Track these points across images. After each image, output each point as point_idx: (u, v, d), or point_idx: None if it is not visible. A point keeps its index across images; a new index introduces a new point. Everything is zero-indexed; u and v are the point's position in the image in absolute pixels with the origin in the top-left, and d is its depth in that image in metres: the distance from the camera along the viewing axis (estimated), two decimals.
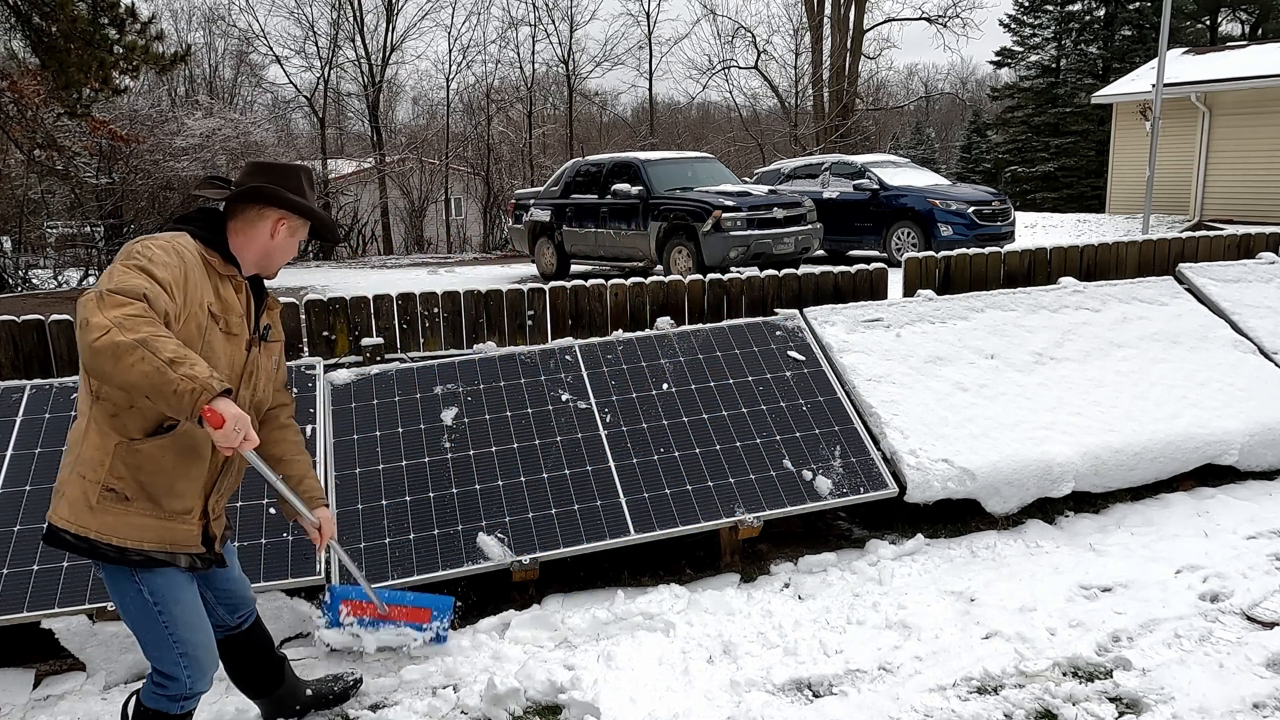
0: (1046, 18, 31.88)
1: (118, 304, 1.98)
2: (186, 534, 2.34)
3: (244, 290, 2.40)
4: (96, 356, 1.93)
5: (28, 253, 17.89)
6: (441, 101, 28.83)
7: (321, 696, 2.94)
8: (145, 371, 1.94)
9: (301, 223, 2.48)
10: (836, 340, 4.68)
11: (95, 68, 11.82)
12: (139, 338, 1.94)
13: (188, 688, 2.37)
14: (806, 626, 3.35)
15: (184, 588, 2.35)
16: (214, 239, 2.35)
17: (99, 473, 2.21)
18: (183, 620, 2.34)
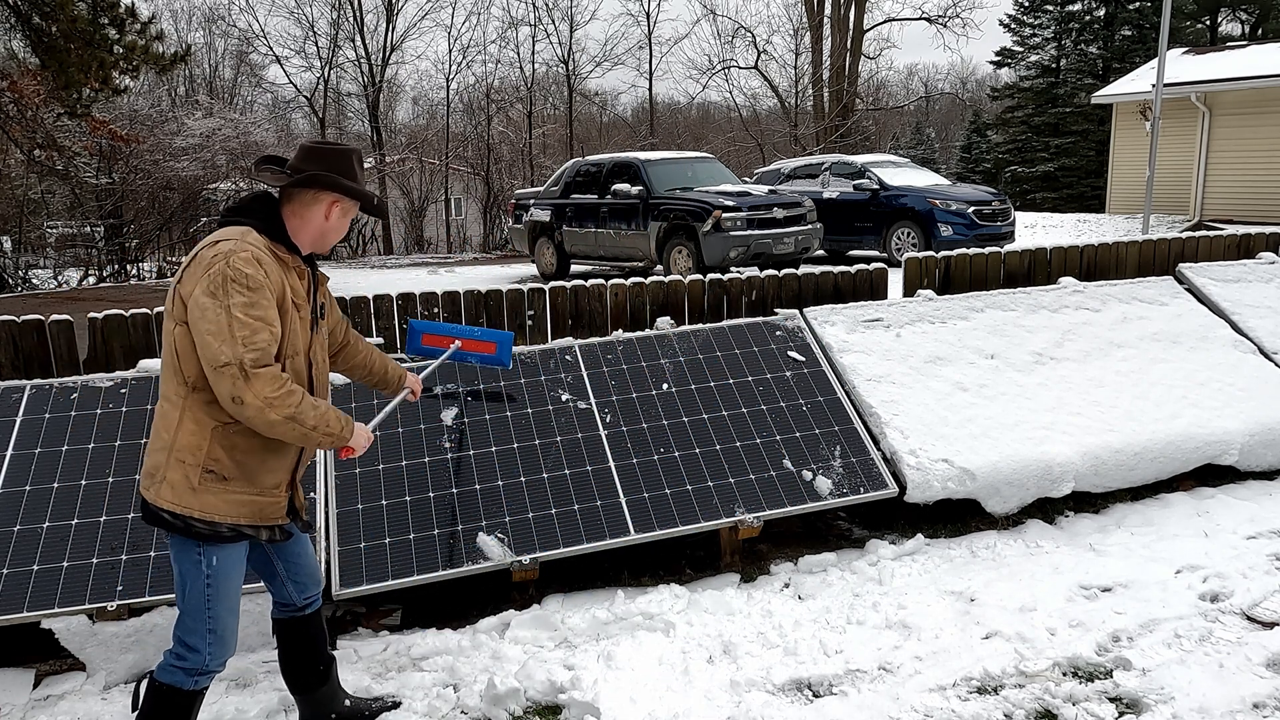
0: (1046, 18, 31.88)
1: (264, 380, 2.27)
2: (275, 506, 2.52)
3: (305, 275, 2.54)
4: (252, 424, 2.30)
5: (28, 253, 17.89)
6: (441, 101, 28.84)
7: (358, 712, 2.93)
8: (294, 436, 2.35)
9: (353, 204, 2.58)
10: (836, 340, 4.68)
11: (95, 68, 11.82)
12: (288, 414, 2.30)
13: (205, 663, 2.46)
14: (806, 626, 3.35)
15: (238, 566, 2.50)
16: (276, 230, 2.45)
17: (198, 456, 2.36)
18: (225, 599, 2.46)
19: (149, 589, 3.32)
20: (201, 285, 2.27)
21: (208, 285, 2.26)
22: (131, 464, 3.69)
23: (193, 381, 2.34)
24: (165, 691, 2.45)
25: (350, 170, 2.54)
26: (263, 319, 2.30)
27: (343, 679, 3.15)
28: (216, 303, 2.25)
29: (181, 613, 2.45)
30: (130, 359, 4.26)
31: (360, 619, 3.67)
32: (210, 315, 2.24)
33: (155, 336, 4.32)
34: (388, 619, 3.68)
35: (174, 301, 2.33)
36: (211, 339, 2.23)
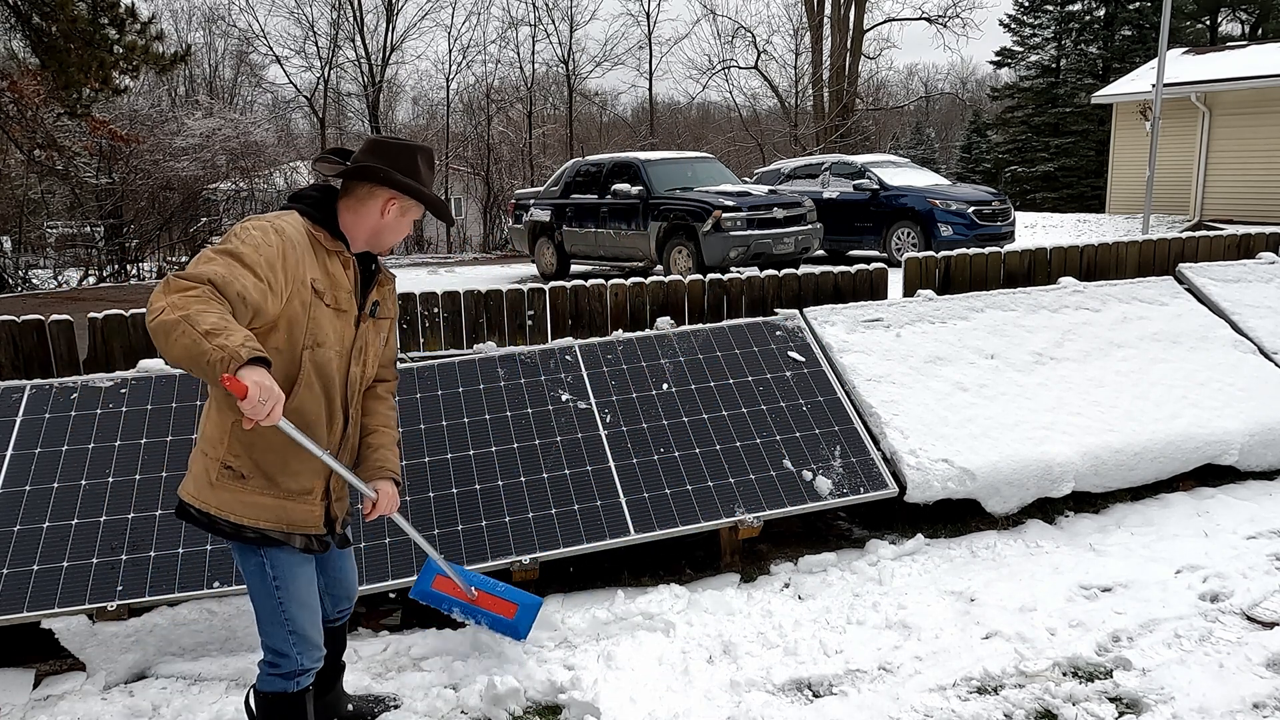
0: (1046, 18, 31.88)
1: (179, 288, 2.00)
2: (306, 514, 2.37)
3: (352, 266, 2.40)
4: (154, 337, 1.97)
5: (28, 253, 17.89)
6: (441, 101, 28.86)
7: (360, 714, 2.93)
8: (185, 345, 1.92)
9: (413, 204, 2.45)
10: (836, 340, 4.68)
11: (95, 68, 11.82)
12: (184, 314, 1.94)
13: (298, 664, 2.42)
14: (806, 626, 3.35)
15: (302, 566, 2.41)
16: (322, 216, 2.36)
17: (218, 450, 2.28)
18: (297, 598, 2.39)
19: (149, 589, 3.32)
20: None
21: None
22: (131, 464, 3.69)
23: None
24: (273, 700, 2.44)
25: (413, 168, 2.41)
26: (233, 255, 2.10)
27: (343, 679, 3.15)
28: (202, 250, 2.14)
29: (259, 620, 2.41)
30: (130, 359, 4.26)
31: (360, 619, 3.67)
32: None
33: None
34: (388, 619, 3.68)
35: None
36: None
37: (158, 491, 3.61)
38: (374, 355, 2.51)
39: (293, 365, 2.28)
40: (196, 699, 3.11)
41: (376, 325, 2.51)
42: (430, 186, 2.47)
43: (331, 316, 2.32)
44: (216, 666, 3.26)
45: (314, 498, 2.39)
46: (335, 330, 2.34)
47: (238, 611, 3.34)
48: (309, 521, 2.38)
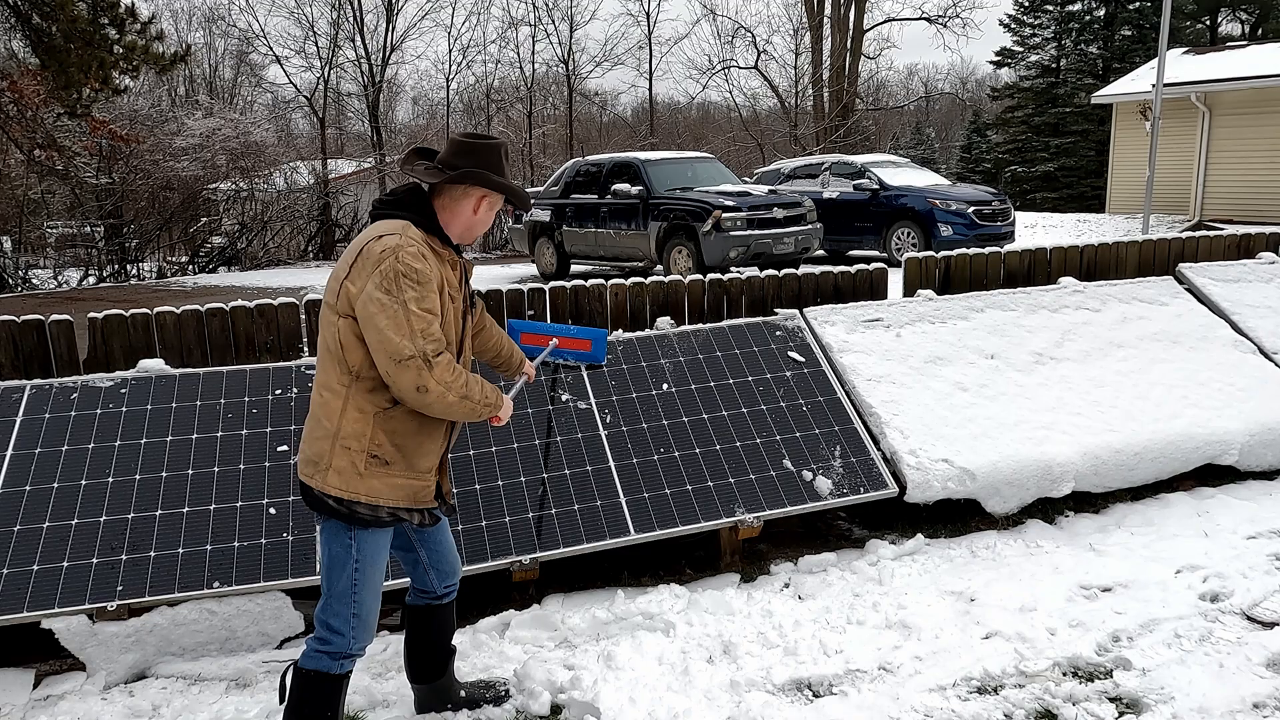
0: (1046, 18, 31.87)
1: (443, 367, 2.39)
2: (426, 490, 2.58)
3: (458, 266, 2.59)
4: (431, 409, 2.42)
5: (28, 253, 17.90)
6: (441, 101, 28.86)
7: (473, 700, 2.98)
8: (464, 411, 2.47)
9: (500, 198, 2.63)
10: (836, 340, 4.68)
11: (95, 68, 11.82)
12: (463, 394, 2.44)
13: (349, 646, 2.52)
14: (806, 626, 3.35)
15: (383, 553, 2.57)
16: (431, 224, 2.52)
17: (363, 442, 2.44)
18: (370, 584, 2.53)
19: (149, 589, 3.32)
20: (373, 281, 2.34)
21: (380, 281, 2.34)
22: (131, 464, 3.69)
23: (356, 370, 2.42)
24: (313, 678, 2.51)
25: (498, 164, 2.58)
26: (432, 310, 2.40)
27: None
28: (391, 299, 2.33)
29: (328, 597, 2.51)
30: (130, 359, 4.26)
31: None
32: (389, 311, 2.32)
33: (155, 336, 4.32)
34: (388, 619, 3.68)
35: (338, 295, 2.41)
36: (392, 334, 2.32)
37: (158, 491, 3.62)
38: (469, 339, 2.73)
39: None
40: (196, 699, 3.11)
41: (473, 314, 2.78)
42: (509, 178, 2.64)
43: (452, 315, 2.54)
44: (216, 666, 3.26)
45: (433, 474, 2.60)
46: (455, 328, 2.56)
47: (238, 611, 3.35)
48: (427, 497, 2.59)
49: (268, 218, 20.29)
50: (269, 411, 3.96)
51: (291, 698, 2.52)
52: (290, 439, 3.86)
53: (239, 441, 3.83)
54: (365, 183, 24.92)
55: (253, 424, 3.90)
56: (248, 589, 3.36)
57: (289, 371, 4.15)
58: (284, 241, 20.84)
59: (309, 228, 21.62)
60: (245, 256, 19.54)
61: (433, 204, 2.54)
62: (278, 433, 3.88)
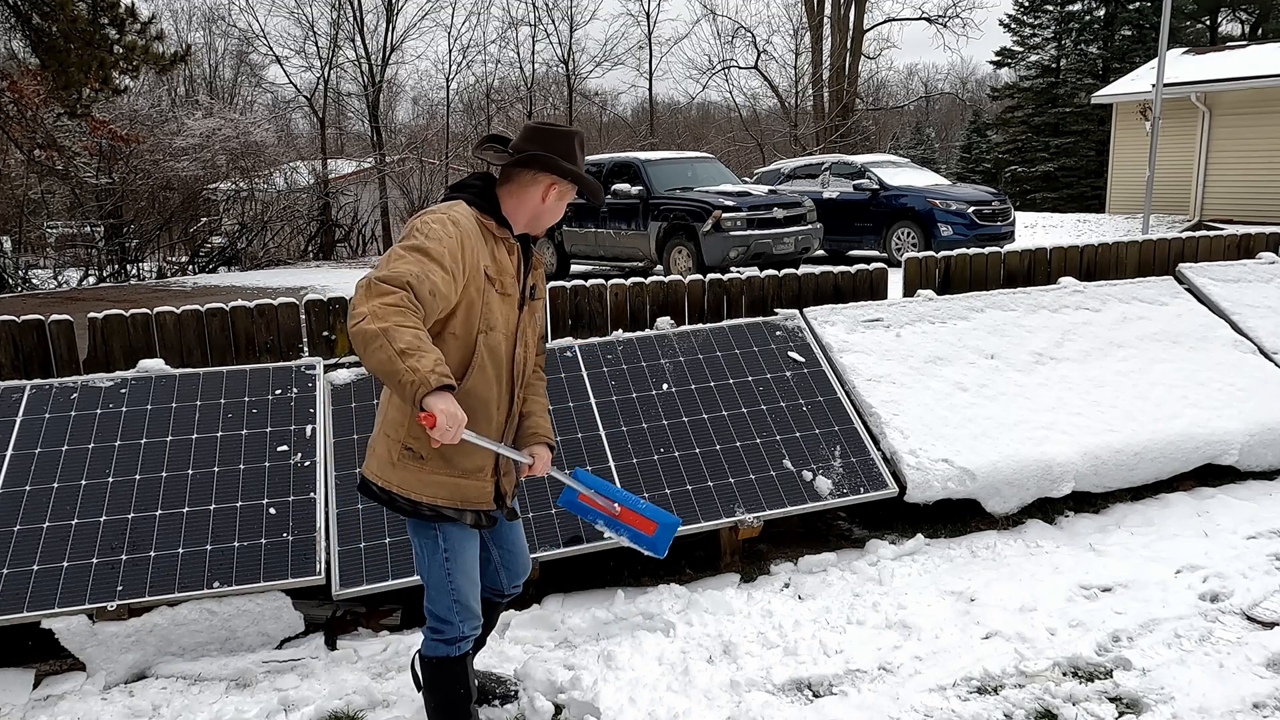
0: (1046, 18, 31.87)
1: (380, 293, 2.13)
2: (479, 491, 2.50)
3: (515, 252, 2.50)
4: (352, 341, 2.11)
5: (28, 253, 17.90)
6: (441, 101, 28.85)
7: (484, 691, 3.00)
8: (380, 359, 2.07)
9: (570, 187, 2.54)
10: (836, 340, 4.68)
11: (95, 68, 11.83)
12: (382, 327, 2.07)
13: (459, 631, 2.55)
14: (806, 626, 3.35)
15: (470, 541, 2.55)
16: (488, 205, 2.45)
17: (399, 432, 2.42)
18: (464, 570, 2.53)
19: (149, 589, 3.32)
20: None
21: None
22: (131, 464, 3.69)
23: None
24: (437, 664, 2.57)
25: (571, 153, 2.50)
26: (421, 251, 2.21)
27: (343, 679, 3.16)
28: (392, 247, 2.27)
29: (426, 588, 2.55)
30: (130, 359, 4.26)
31: (360, 619, 3.67)
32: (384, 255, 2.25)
33: (155, 336, 4.32)
34: (388, 619, 3.68)
35: None
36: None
37: (158, 491, 3.62)
38: (533, 336, 2.63)
39: (467, 349, 2.39)
40: (196, 699, 3.11)
41: (532, 306, 2.60)
42: (582, 170, 2.55)
43: (499, 301, 2.43)
44: (216, 666, 3.26)
45: (485, 474, 2.51)
46: (503, 314, 2.45)
47: (238, 611, 3.35)
48: (481, 497, 2.51)
49: (268, 218, 20.29)
50: (269, 411, 3.96)
51: (425, 683, 2.62)
52: (290, 439, 3.86)
53: (239, 441, 3.83)
54: (365, 183, 24.93)
55: (253, 424, 3.90)
56: (248, 589, 3.36)
57: (289, 371, 4.15)
58: (284, 241, 20.84)
59: (309, 228, 21.62)
60: (245, 256, 19.55)
61: (499, 190, 2.49)
62: (278, 433, 3.88)
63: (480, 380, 2.42)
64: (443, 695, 2.59)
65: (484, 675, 3.03)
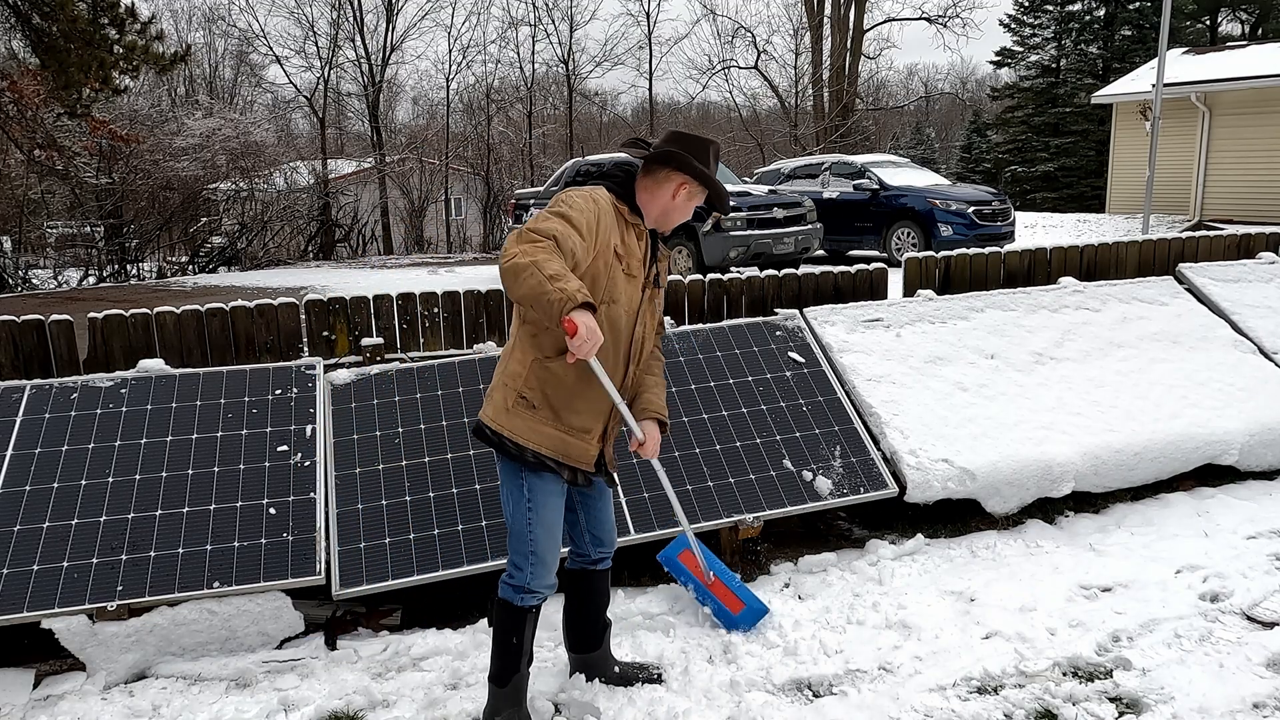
0: (1046, 18, 31.87)
1: (529, 239, 2.37)
2: (582, 450, 2.67)
3: (645, 239, 2.73)
4: (504, 276, 2.34)
5: (28, 253, 17.90)
6: (441, 101, 28.84)
7: (625, 678, 3.03)
8: (532, 285, 2.30)
9: (700, 189, 2.78)
10: (836, 340, 4.68)
11: (95, 68, 11.83)
12: (533, 260, 2.32)
13: (528, 581, 2.68)
14: (806, 626, 3.35)
15: (556, 497, 2.69)
16: (625, 193, 2.69)
17: (517, 383, 2.63)
18: (545, 524, 2.67)
19: (149, 589, 3.32)
20: None
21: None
22: (131, 464, 3.69)
23: (524, 314, 2.61)
24: (503, 605, 2.72)
25: (705, 159, 2.73)
26: (564, 217, 2.46)
27: (343, 679, 3.16)
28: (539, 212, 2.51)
29: (510, 534, 2.70)
30: (130, 359, 4.26)
31: (360, 619, 3.67)
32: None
33: (155, 336, 4.32)
34: (388, 619, 3.68)
35: None
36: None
37: (158, 491, 3.62)
38: (652, 318, 2.81)
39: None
40: (196, 699, 3.11)
41: (654, 293, 2.80)
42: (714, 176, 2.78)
43: (625, 280, 2.64)
44: (216, 666, 3.26)
45: (591, 437, 2.68)
46: (627, 292, 2.65)
47: (238, 611, 3.35)
48: (583, 457, 2.68)
49: (268, 218, 20.29)
50: (269, 411, 3.96)
51: (493, 621, 2.76)
52: (290, 439, 3.86)
53: (239, 441, 3.83)
54: (365, 183, 24.95)
55: (253, 424, 3.90)
56: (248, 589, 3.36)
57: (289, 371, 4.15)
58: (284, 241, 20.84)
59: (309, 228, 21.62)
60: (245, 256, 19.54)
61: (637, 183, 2.72)
62: (278, 433, 3.88)
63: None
64: (501, 637, 2.73)
65: (628, 664, 3.08)
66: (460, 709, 2.96)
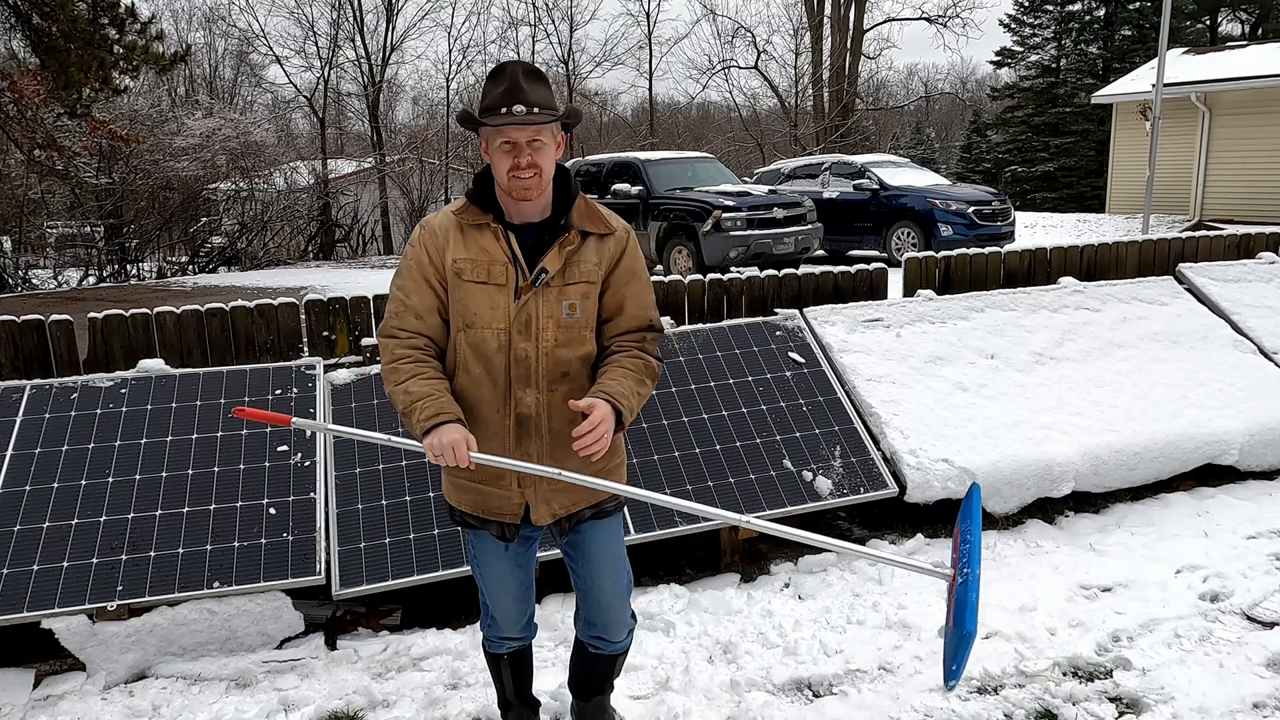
0: (1046, 18, 31.87)
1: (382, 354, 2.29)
2: (501, 500, 2.33)
3: (500, 236, 2.24)
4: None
5: (28, 253, 17.90)
6: (441, 101, 28.84)
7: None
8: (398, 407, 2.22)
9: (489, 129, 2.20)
10: (836, 340, 4.68)
11: (95, 68, 11.84)
12: (389, 392, 2.24)
13: (486, 629, 2.55)
14: (806, 626, 3.35)
15: (495, 556, 2.42)
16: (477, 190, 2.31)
17: None
18: (489, 580, 2.46)
19: (149, 589, 3.32)
20: None
21: None
22: (131, 464, 3.69)
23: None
24: (484, 644, 2.61)
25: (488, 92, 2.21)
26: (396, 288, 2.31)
27: (343, 679, 3.16)
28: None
29: None
30: (130, 359, 4.26)
31: (360, 619, 3.67)
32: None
33: (155, 336, 4.32)
34: (388, 619, 3.68)
35: None
36: None
37: (158, 491, 3.62)
38: (556, 327, 2.25)
39: (451, 350, 2.31)
40: (196, 699, 3.11)
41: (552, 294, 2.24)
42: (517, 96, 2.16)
43: (480, 292, 2.24)
44: (216, 666, 3.26)
45: (506, 482, 2.31)
46: (487, 306, 2.24)
47: (238, 611, 3.35)
48: (503, 507, 2.34)
49: (268, 218, 20.30)
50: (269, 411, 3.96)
51: None
52: (290, 439, 3.86)
53: (239, 441, 3.83)
54: (365, 183, 24.93)
55: (252, 424, 3.90)
56: (248, 589, 3.36)
57: (289, 371, 4.15)
58: (284, 241, 20.85)
59: (309, 228, 21.62)
60: (245, 256, 19.55)
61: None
62: (278, 433, 3.88)
63: (465, 381, 2.27)
64: (491, 674, 2.65)
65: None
66: (460, 709, 2.96)
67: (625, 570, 2.48)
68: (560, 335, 2.26)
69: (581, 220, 2.29)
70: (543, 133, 2.20)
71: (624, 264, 2.34)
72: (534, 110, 2.17)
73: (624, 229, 2.36)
